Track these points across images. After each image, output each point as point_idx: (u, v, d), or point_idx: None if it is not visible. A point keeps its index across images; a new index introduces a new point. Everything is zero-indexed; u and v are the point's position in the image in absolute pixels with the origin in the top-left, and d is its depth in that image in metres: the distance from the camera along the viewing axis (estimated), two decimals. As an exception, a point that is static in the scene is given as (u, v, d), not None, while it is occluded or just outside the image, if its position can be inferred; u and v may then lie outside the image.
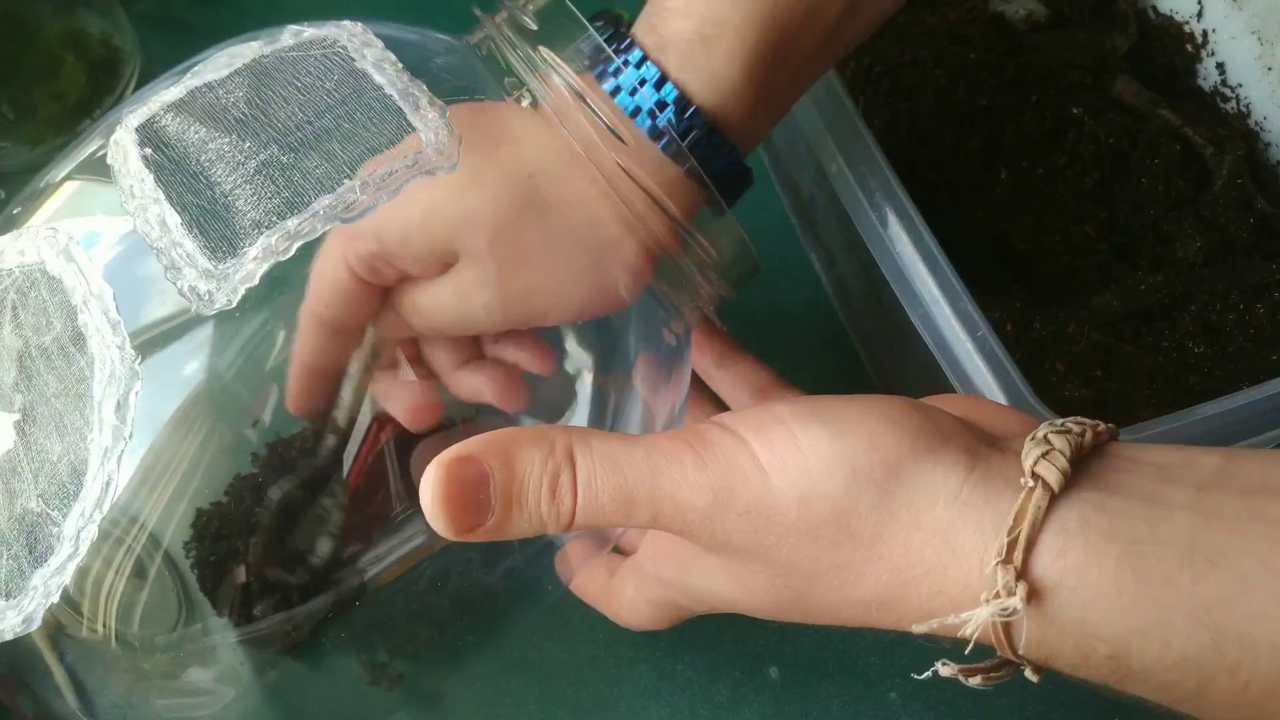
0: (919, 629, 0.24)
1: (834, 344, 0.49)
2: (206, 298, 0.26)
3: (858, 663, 0.41)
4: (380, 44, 0.29)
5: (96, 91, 0.52)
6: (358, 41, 0.29)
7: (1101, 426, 0.25)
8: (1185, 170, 0.44)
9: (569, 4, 0.29)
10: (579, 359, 0.32)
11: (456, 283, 0.29)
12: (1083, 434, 0.24)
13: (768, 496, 0.25)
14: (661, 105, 0.29)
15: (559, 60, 0.28)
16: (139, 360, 0.26)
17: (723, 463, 0.25)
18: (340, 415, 0.30)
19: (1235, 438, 0.32)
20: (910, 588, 0.24)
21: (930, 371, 0.36)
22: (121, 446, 0.26)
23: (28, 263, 0.28)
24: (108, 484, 0.26)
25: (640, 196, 0.29)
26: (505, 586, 0.33)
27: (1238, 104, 0.47)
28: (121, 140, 0.27)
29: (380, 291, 0.30)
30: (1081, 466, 0.23)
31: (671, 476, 0.25)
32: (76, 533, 0.26)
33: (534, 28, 0.29)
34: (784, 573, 0.25)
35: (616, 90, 0.29)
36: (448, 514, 0.25)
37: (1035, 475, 0.23)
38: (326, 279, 0.29)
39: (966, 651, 0.24)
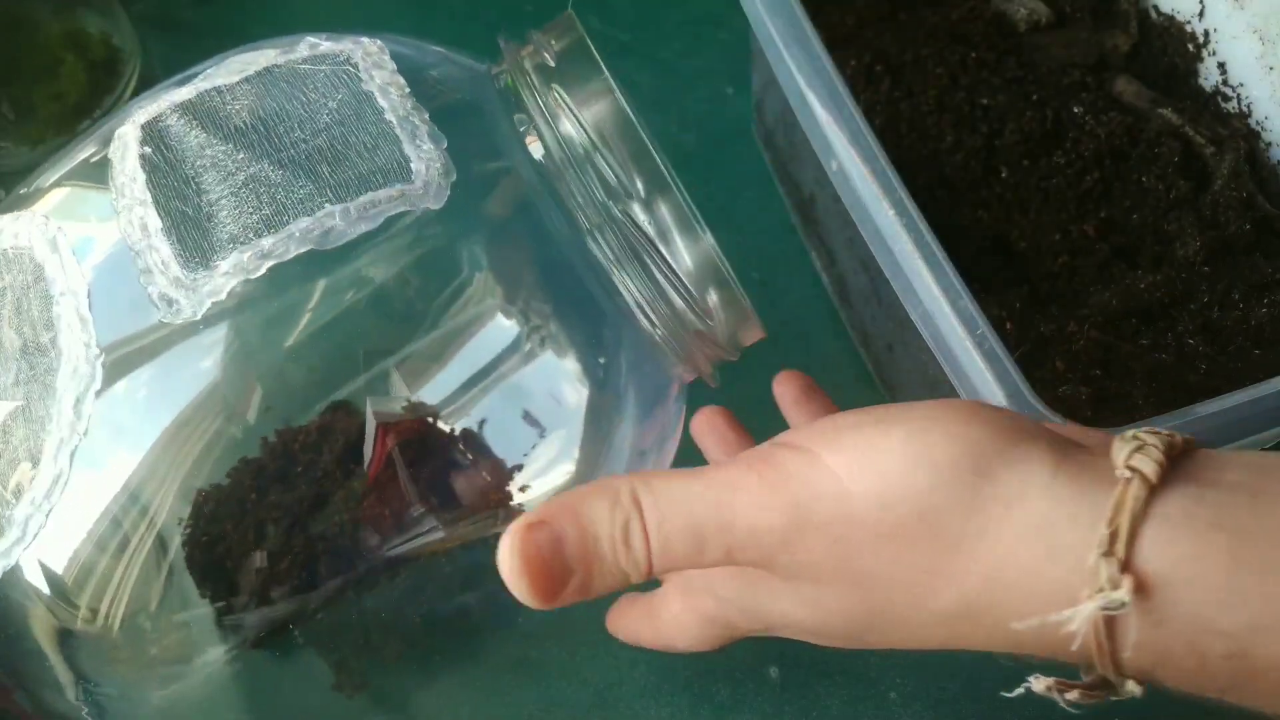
0: (1019, 626, 0.22)
1: (834, 344, 0.49)
2: (174, 307, 0.26)
3: (858, 663, 0.41)
4: (392, 67, 0.28)
5: (96, 92, 0.51)
6: (370, 61, 0.28)
7: (1180, 436, 0.23)
8: (1185, 170, 0.44)
9: (590, 47, 0.28)
10: (574, 391, 0.32)
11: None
12: (1171, 436, 0.23)
13: (846, 504, 0.23)
14: None
15: (572, 103, 0.28)
16: (102, 358, 0.26)
17: (793, 480, 0.24)
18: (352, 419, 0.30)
19: (1234, 437, 0.32)
20: (1001, 594, 0.22)
21: (930, 370, 0.36)
22: (75, 443, 0.26)
23: (20, 245, 0.28)
24: (57, 478, 0.26)
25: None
26: (480, 608, 0.33)
27: (1239, 103, 0.47)
28: (125, 135, 0.27)
29: None
30: (1174, 464, 0.22)
31: (739, 504, 0.24)
32: (25, 519, 0.26)
33: (552, 65, 0.29)
34: (860, 584, 0.24)
35: None
36: (532, 585, 0.24)
37: (1131, 468, 0.22)
38: None
39: (1074, 647, 0.22)
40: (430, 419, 0.30)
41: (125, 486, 0.27)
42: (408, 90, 0.28)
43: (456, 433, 0.30)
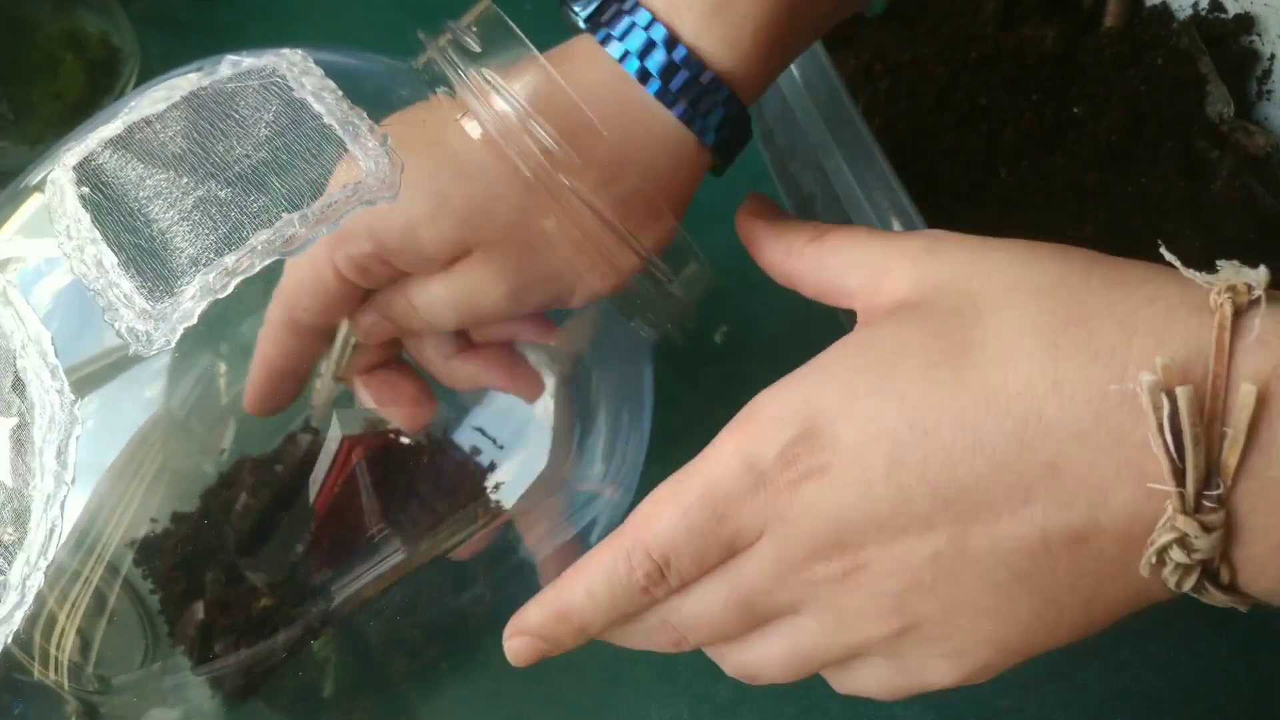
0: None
1: (831, 342, 0.49)
2: (144, 338, 0.26)
3: (857, 662, 0.41)
4: (320, 72, 0.28)
5: (95, 91, 0.51)
6: (297, 70, 0.28)
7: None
8: (1186, 170, 0.44)
9: (509, 22, 0.29)
10: (542, 377, 0.32)
11: (471, 277, 0.28)
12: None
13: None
14: (672, 68, 0.28)
15: (501, 81, 0.28)
16: (78, 404, 0.26)
17: None
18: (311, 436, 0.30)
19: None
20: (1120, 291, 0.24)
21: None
22: (64, 492, 0.26)
23: None
24: (51, 530, 0.25)
25: (591, 218, 0.28)
26: (475, 612, 0.33)
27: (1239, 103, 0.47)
28: (58, 179, 0.27)
29: (362, 293, 0.29)
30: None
31: None
32: (22, 581, 0.25)
33: (477, 49, 0.29)
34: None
35: (625, 55, 0.28)
36: None
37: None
38: (307, 281, 0.28)
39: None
40: (395, 432, 0.30)
41: (84, 528, 0.27)
42: (341, 94, 0.28)
43: (424, 442, 0.30)
